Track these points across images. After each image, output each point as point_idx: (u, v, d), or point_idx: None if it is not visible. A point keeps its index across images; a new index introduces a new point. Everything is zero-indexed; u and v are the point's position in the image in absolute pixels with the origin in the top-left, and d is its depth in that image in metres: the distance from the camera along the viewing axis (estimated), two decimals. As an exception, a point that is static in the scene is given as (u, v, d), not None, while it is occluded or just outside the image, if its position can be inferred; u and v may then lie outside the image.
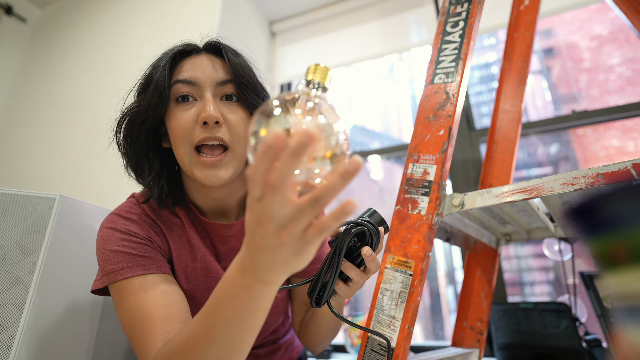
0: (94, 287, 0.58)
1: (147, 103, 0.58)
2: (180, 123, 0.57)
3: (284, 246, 0.30)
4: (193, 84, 0.58)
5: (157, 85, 0.57)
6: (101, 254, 0.57)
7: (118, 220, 0.59)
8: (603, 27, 3.45)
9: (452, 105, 0.63)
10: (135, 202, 0.64)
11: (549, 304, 1.01)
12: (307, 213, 0.29)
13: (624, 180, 0.47)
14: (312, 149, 0.29)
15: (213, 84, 0.59)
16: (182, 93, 0.58)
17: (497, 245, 0.92)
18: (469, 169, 1.43)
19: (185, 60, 0.61)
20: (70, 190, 1.67)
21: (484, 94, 3.35)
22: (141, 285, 0.53)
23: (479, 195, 0.58)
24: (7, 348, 0.59)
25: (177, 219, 0.65)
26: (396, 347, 0.53)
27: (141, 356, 0.49)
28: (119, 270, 0.54)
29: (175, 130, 0.57)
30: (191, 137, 0.56)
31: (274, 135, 0.26)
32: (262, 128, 0.30)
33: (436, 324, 2.86)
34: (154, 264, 0.57)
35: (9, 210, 0.66)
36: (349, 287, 0.53)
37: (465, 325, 0.87)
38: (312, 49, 2.02)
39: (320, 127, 0.31)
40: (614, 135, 3.13)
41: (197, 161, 0.57)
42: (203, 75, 0.59)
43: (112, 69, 1.91)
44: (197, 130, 0.56)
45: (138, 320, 0.50)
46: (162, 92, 0.57)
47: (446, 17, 0.71)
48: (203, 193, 0.64)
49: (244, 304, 0.35)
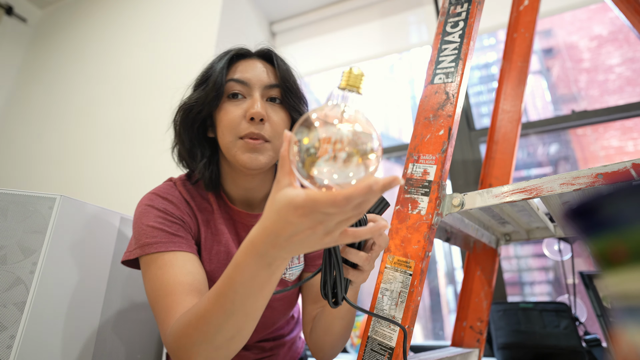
0: (125, 258, 0.63)
1: (204, 96, 0.65)
2: (230, 116, 0.64)
3: (320, 242, 0.34)
4: (245, 83, 0.65)
5: (215, 81, 0.65)
6: (138, 227, 0.62)
7: (156, 199, 0.65)
8: (603, 27, 3.45)
9: (452, 105, 0.63)
10: (173, 185, 0.70)
11: (549, 303, 1.01)
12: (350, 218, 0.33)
13: (624, 180, 0.47)
14: (347, 151, 0.32)
15: (262, 85, 0.66)
16: (234, 90, 0.66)
17: (497, 245, 0.92)
18: (468, 169, 1.43)
19: (240, 62, 0.69)
20: (71, 190, 1.67)
21: (483, 94, 3.35)
22: (170, 261, 0.58)
23: (479, 195, 0.58)
24: (7, 348, 0.59)
25: (208, 205, 0.71)
26: (396, 347, 0.53)
27: (161, 327, 0.53)
28: (153, 244, 0.59)
29: (224, 121, 0.64)
30: (238, 129, 0.63)
31: (389, 182, 0.30)
32: (304, 137, 0.33)
33: (436, 324, 2.87)
34: (185, 243, 0.62)
35: (10, 210, 0.66)
36: (360, 271, 0.50)
37: (465, 325, 0.87)
38: (312, 49, 2.02)
39: (357, 135, 0.33)
40: (614, 136, 3.13)
41: (242, 144, 0.63)
42: (254, 77, 0.66)
43: (112, 69, 1.91)
44: (243, 124, 0.63)
45: (162, 293, 0.55)
46: (218, 88, 0.65)
47: (446, 17, 0.71)
48: (236, 182, 0.71)
49: (263, 281, 0.38)
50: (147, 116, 1.67)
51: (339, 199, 0.29)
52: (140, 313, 0.87)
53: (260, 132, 0.63)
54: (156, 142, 1.59)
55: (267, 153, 0.65)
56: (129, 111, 1.74)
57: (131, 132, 1.68)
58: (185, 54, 1.69)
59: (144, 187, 1.51)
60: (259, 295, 0.40)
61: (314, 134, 0.33)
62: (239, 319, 0.41)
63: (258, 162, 0.63)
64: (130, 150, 1.64)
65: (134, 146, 1.64)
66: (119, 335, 0.80)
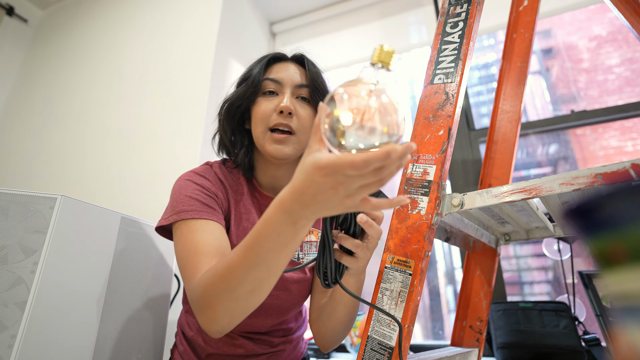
0: (160, 224, 0.69)
1: (244, 92, 0.75)
2: (263, 109, 0.74)
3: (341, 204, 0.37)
4: (278, 82, 0.75)
5: (253, 80, 0.75)
6: (176, 197, 0.69)
7: (195, 176, 0.73)
8: (602, 27, 3.46)
9: (451, 105, 0.63)
10: (210, 167, 0.78)
11: (548, 303, 1.01)
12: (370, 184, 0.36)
13: (623, 180, 0.48)
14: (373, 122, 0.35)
15: (293, 84, 0.75)
16: (268, 88, 0.75)
17: (497, 245, 0.92)
18: (468, 169, 1.44)
19: (276, 64, 0.79)
20: (72, 190, 1.67)
21: (483, 94, 3.36)
22: (201, 227, 0.65)
23: (479, 195, 0.58)
24: (8, 347, 0.59)
25: (239, 187, 0.79)
26: (396, 347, 0.53)
27: (188, 284, 0.59)
28: (188, 211, 0.66)
29: (258, 114, 0.74)
30: (268, 120, 0.73)
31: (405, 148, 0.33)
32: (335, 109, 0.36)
33: (436, 324, 2.87)
34: (216, 215, 0.69)
35: (11, 210, 0.66)
36: (354, 258, 0.54)
37: (465, 324, 0.87)
38: (312, 50, 2.02)
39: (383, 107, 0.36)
40: (613, 136, 3.13)
41: (270, 137, 0.72)
42: (286, 77, 0.76)
43: (112, 69, 1.91)
44: (274, 117, 0.72)
45: (191, 254, 0.61)
46: (256, 85, 0.75)
47: (446, 17, 0.71)
48: (265, 170, 0.80)
49: (287, 238, 0.42)
50: (147, 116, 1.67)
51: (357, 161, 0.33)
52: (141, 313, 0.87)
53: (287, 123, 0.72)
54: (157, 142, 1.59)
55: (292, 145, 0.73)
56: (129, 111, 1.74)
57: (132, 132, 1.68)
58: (185, 55, 1.69)
59: (144, 187, 1.52)
60: (282, 252, 0.44)
61: (344, 105, 0.36)
62: (261, 272, 0.46)
63: (283, 152, 0.72)
64: (130, 150, 1.64)
65: (135, 146, 1.64)
66: (119, 335, 0.80)
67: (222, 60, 1.65)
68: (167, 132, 1.58)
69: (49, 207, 0.68)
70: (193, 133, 1.50)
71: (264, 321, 0.76)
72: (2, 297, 0.61)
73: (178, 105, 1.60)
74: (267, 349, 0.78)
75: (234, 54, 1.72)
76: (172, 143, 1.54)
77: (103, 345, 0.76)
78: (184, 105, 1.57)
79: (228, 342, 0.75)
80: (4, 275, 0.62)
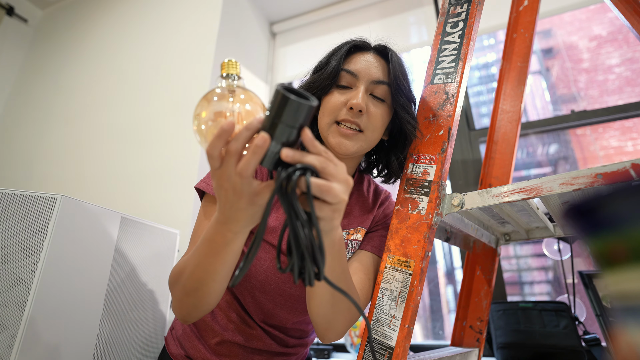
0: (198, 186, 0.71)
1: (321, 80, 0.72)
2: (334, 101, 0.70)
3: (241, 199, 0.41)
4: (354, 75, 0.70)
5: (331, 70, 0.71)
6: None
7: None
8: (602, 27, 3.46)
9: (451, 105, 0.63)
10: None
11: (548, 303, 1.01)
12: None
13: (623, 180, 0.48)
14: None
15: (369, 80, 0.69)
16: (343, 80, 0.71)
17: (497, 245, 0.92)
18: (468, 169, 1.44)
19: (356, 54, 0.73)
20: (72, 190, 1.67)
21: (483, 94, 3.35)
22: (214, 211, 0.65)
23: (479, 195, 0.58)
24: (8, 347, 0.59)
25: None
26: (396, 347, 0.53)
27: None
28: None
29: (328, 105, 0.70)
30: (336, 114, 0.69)
31: (228, 123, 0.38)
32: (203, 111, 0.40)
33: (436, 324, 2.87)
34: None
35: (11, 210, 0.66)
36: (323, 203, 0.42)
37: (465, 324, 0.87)
38: (312, 50, 2.02)
39: (243, 106, 0.40)
40: (613, 136, 3.13)
41: (336, 129, 0.69)
42: (363, 71, 0.70)
43: (113, 69, 1.91)
44: (343, 111, 0.69)
45: (192, 236, 0.65)
46: (333, 75, 0.71)
47: (446, 17, 0.71)
48: None
49: (219, 245, 0.47)
50: (147, 116, 1.67)
51: (207, 151, 0.40)
52: (141, 313, 0.87)
53: (356, 120, 0.68)
54: (157, 141, 1.59)
55: (358, 143, 0.69)
56: (129, 111, 1.74)
57: (132, 132, 1.68)
58: (186, 54, 1.69)
59: (144, 187, 1.52)
60: (216, 257, 0.48)
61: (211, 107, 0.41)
62: (200, 272, 0.50)
63: (346, 148, 0.68)
64: (130, 150, 1.64)
65: (135, 146, 1.64)
66: (119, 334, 0.80)
67: (222, 60, 1.64)
68: (167, 132, 1.58)
69: (49, 207, 0.68)
70: (193, 133, 1.50)
71: (288, 314, 0.73)
72: (2, 297, 0.61)
73: (178, 105, 1.60)
74: (282, 348, 0.77)
75: (234, 54, 1.72)
76: (172, 143, 1.54)
77: (103, 345, 0.76)
78: (184, 105, 1.57)
79: (245, 330, 0.74)
80: (4, 275, 0.62)
